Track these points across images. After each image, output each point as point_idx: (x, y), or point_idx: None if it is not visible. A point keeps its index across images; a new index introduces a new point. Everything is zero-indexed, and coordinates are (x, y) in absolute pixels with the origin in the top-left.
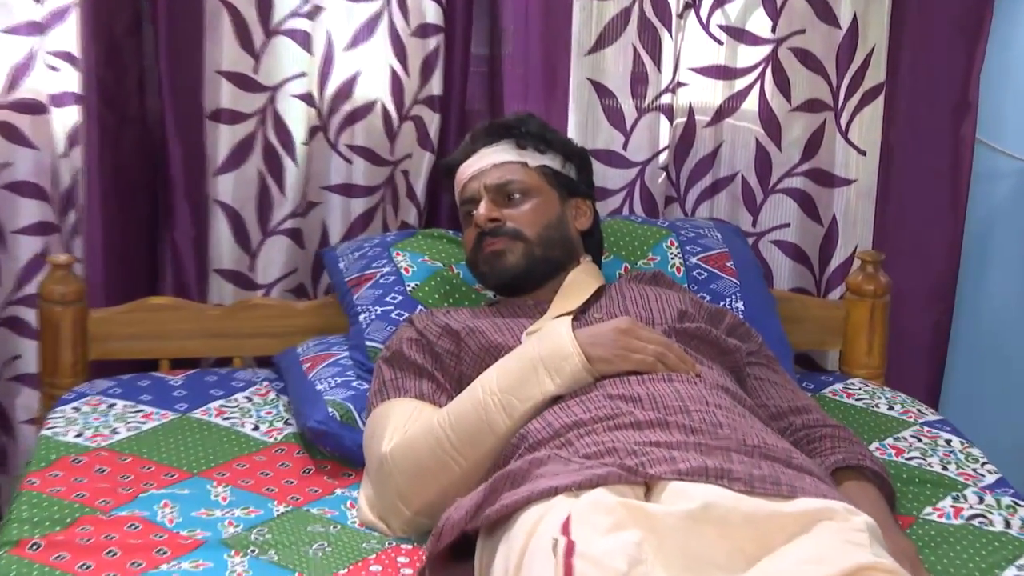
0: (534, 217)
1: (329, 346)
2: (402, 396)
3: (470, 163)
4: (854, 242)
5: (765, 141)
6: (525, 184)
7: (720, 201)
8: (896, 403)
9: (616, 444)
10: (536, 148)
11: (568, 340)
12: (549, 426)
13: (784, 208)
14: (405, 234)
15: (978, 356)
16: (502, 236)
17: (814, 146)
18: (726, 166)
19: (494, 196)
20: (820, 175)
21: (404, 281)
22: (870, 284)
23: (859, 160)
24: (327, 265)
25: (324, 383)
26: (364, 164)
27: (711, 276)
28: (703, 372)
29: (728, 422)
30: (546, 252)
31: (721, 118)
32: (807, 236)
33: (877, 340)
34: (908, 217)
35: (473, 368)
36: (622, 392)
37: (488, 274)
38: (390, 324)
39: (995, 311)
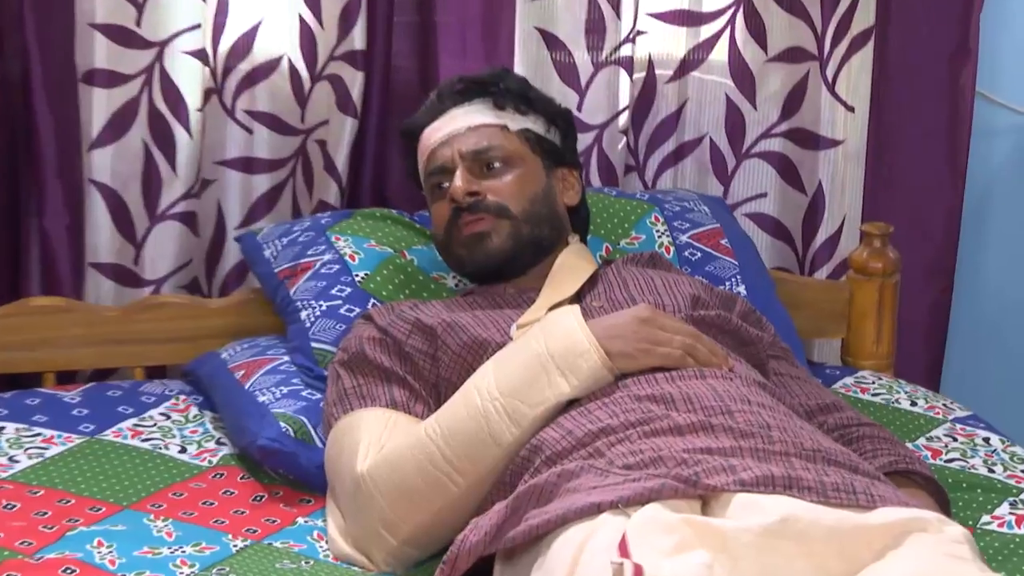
0: (519, 190)
1: (263, 350)
2: (370, 406)
3: (438, 126)
4: (842, 213)
5: (737, 98)
6: (507, 151)
7: (685, 169)
8: (918, 398)
9: (661, 452)
10: (516, 109)
11: (583, 333)
12: (570, 434)
13: (760, 175)
14: (340, 215)
15: (976, 340)
16: (484, 213)
17: (795, 102)
18: (692, 128)
19: (470, 165)
20: (802, 136)
21: (351, 271)
22: (877, 261)
23: (847, 118)
24: (248, 254)
25: (267, 394)
26: (267, 133)
27: (706, 256)
28: (735, 367)
29: (777, 423)
30: (534, 231)
31: (685, 72)
32: (788, 207)
33: (886, 326)
34: (902, 182)
35: (453, 371)
36: (651, 392)
37: (467, 258)
38: (340, 322)
39: (994, 289)
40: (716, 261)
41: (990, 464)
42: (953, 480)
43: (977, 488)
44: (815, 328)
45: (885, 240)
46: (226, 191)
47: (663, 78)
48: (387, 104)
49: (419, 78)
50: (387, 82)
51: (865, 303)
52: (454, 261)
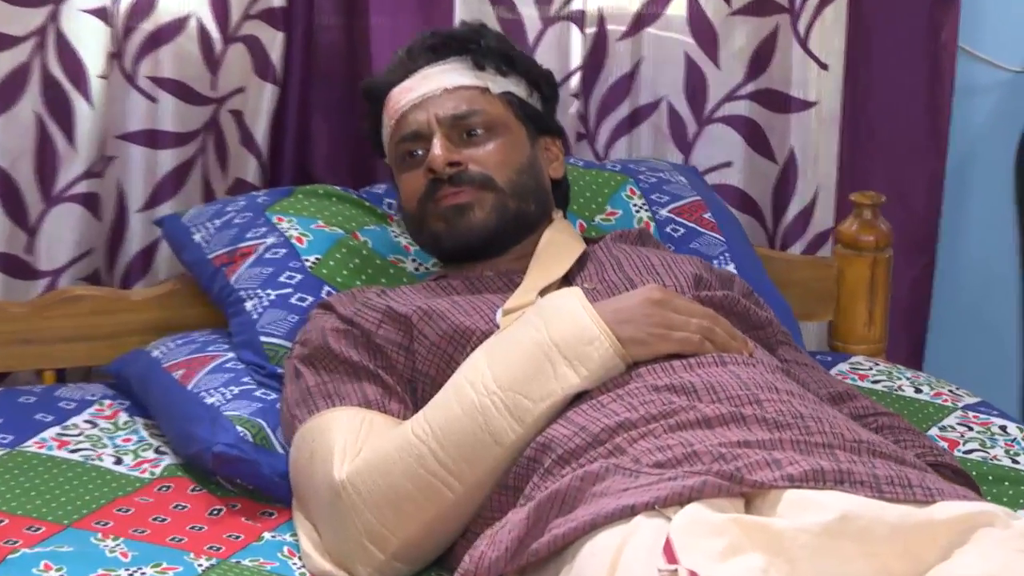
0: (504, 159)
1: (202, 346)
2: (339, 405)
3: (409, 86)
4: (816, 182)
5: (698, 56)
6: (490, 116)
7: (641, 136)
8: (922, 384)
9: (694, 447)
10: (497, 70)
11: (591, 318)
12: (583, 431)
13: (725, 142)
14: (279, 193)
15: (957, 319)
16: (467, 185)
17: (763, 60)
18: (647, 90)
19: (448, 131)
20: (772, 97)
21: (299, 255)
22: (869, 233)
23: (820, 76)
24: (173, 239)
25: (215, 395)
26: (174, 103)
27: (690, 232)
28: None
29: (810, 413)
30: (520, 206)
31: (639, 27)
32: (756, 177)
33: (879, 306)
34: (879, 147)
35: (431, 364)
36: (670, 382)
37: (444, 233)
38: (292, 312)
39: (975, 263)
40: (701, 237)
41: (1013, 455)
42: (978, 473)
43: (1004, 481)
44: (800, 310)
45: (876, 210)
46: (128, 169)
47: (615, 35)
48: (310, 68)
49: (346, 38)
50: (310, 43)
51: (855, 281)
52: (428, 237)
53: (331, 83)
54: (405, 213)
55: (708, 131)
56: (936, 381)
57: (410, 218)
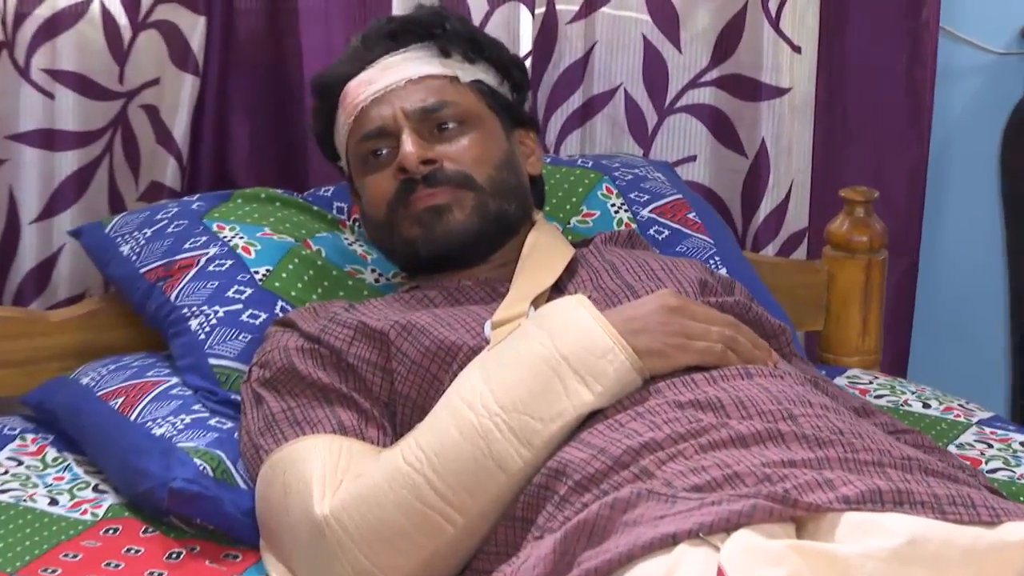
0: (481, 154)
1: (139, 371)
2: (311, 432)
3: (368, 78)
4: (789, 177)
5: (657, 38)
6: (462, 108)
7: (595, 129)
8: (929, 398)
9: (735, 468)
10: (465, 56)
11: (602, 328)
12: (602, 453)
13: (688, 134)
14: (215, 198)
15: (935, 325)
16: (443, 184)
17: (730, 42)
18: (602, 77)
19: (417, 126)
20: (739, 84)
21: (248, 266)
22: (862, 233)
23: (793, 60)
24: (96, 252)
25: (163, 425)
26: (74, 99)
27: (675, 234)
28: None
29: (849, 428)
30: (501, 206)
31: (593, 8)
32: (723, 173)
33: (873, 314)
34: (857, 138)
35: (412, 384)
36: (693, 397)
37: (421, 239)
38: (244, 331)
39: (955, 263)
40: (688, 240)
41: None
42: (1008, 494)
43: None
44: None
45: (869, 207)
46: (20, 174)
47: (565, 16)
48: (228, 57)
49: (269, 23)
50: (229, 29)
51: (848, 286)
52: (401, 245)
53: (253, 74)
54: (369, 220)
55: (669, 122)
56: (943, 395)
57: (377, 224)
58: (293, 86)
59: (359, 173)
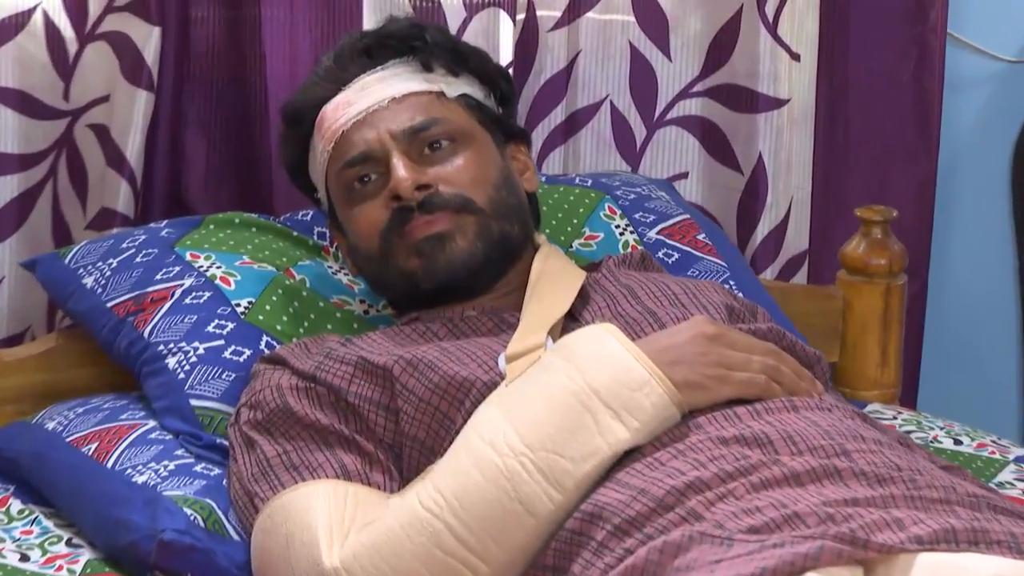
0: (477, 174)
1: (111, 413)
2: (312, 477)
3: (346, 100)
4: (788, 195)
5: (645, 46)
6: (453, 125)
7: (580, 145)
8: (959, 435)
9: (794, 507)
10: (448, 69)
11: (637, 359)
12: (643, 494)
13: (680, 149)
14: (185, 224)
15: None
16: (441, 210)
17: (724, 49)
18: (587, 89)
19: (406, 148)
20: (735, 94)
21: (228, 298)
22: (880, 255)
23: (792, 68)
24: (54, 285)
25: (145, 472)
26: (14, 118)
27: (686, 257)
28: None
29: (907, 464)
30: (504, 228)
31: (576, 13)
32: (717, 190)
33: (893, 343)
34: (861, 152)
35: (420, 424)
36: (738, 432)
37: (422, 271)
38: (227, 369)
39: (963, 285)
40: (699, 263)
41: None
42: None
43: None
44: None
45: (887, 228)
46: None
47: (547, 23)
48: (183, 70)
49: (226, 34)
50: (183, 39)
51: (866, 314)
52: (398, 279)
53: (210, 88)
54: (360, 254)
55: (659, 136)
56: (974, 431)
57: (369, 258)
58: (255, 101)
59: (344, 204)
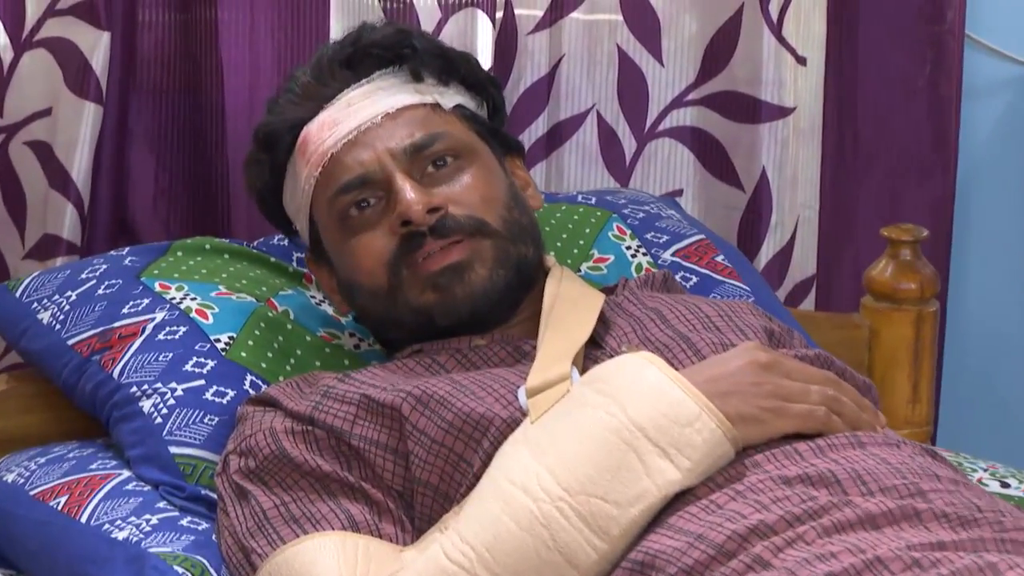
0: (487, 193)
1: (78, 463)
2: (313, 530)
3: (331, 119)
4: (795, 214)
5: (635, 50)
6: (455, 139)
7: (564, 160)
8: (1005, 476)
9: (875, 552)
10: (438, 78)
11: (685, 391)
12: (701, 540)
13: (673, 163)
14: (150, 251)
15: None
16: (454, 234)
17: (722, 52)
18: (571, 98)
19: (408, 168)
20: (734, 102)
21: (206, 333)
22: (911, 280)
23: (797, 73)
24: (5, 321)
25: (125, 528)
26: None
27: (705, 280)
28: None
29: (987, 505)
30: (520, 250)
31: (559, 14)
32: (715, 209)
33: (925, 376)
34: (872, 165)
35: (434, 469)
36: (802, 472)
37: (438, 308)
38: (210, 412)
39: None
40: (720, 287)
41: None
42: None
43: None
44: None
45: (917, 249)
46: None
47: (527, 25)
48: (129, 80)
49: (178, 39)
50: (130, 46)
51: (895, 344)
52: (409, 315)
53: (159, 101)
54: (359, 290)
55: (650, 150)
56: (1019, 471)
57: (374, 294)
58: (210, 114)
59: (337, 236)
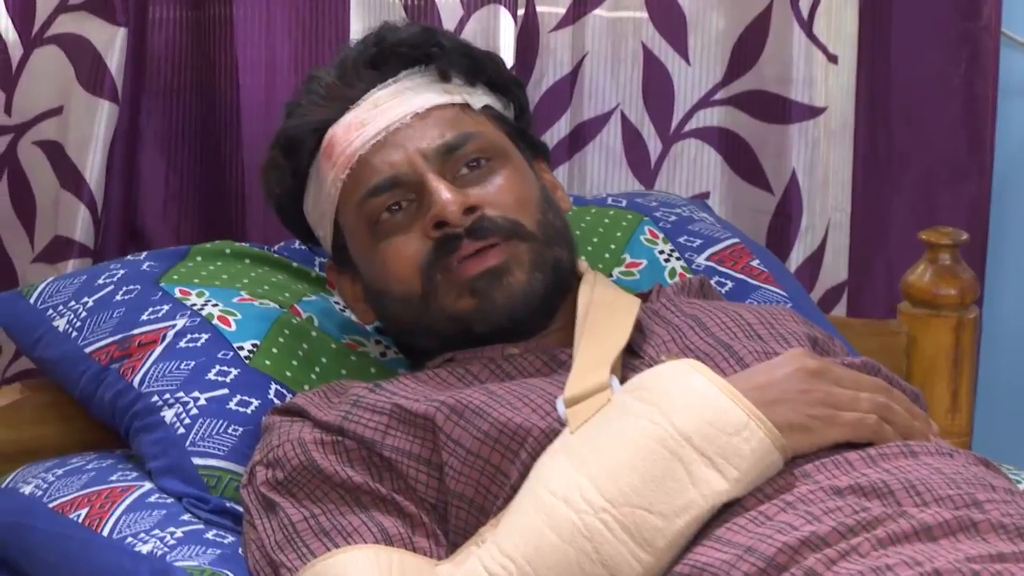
0: (521, 194)
1: (98, 475)
2: (346, 544)
3: (358, 119)
4: (825, 218)
5: (660, 47)
6: (487, 140)
7: (587, 161)
8: None
9: (933, 564)
10: (466, 78)
11: (732, 399)
12: (750, 553)
13: (700, 165)
14: (169, 256)
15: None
16: (491, 236)
17: (751, 51)
18: (595, 98)
19: (441, 169)
20: (764, 102)
21: (229, 341)
22: (951, 285)
23: (828, 72)
24: (20, 329)
25: (150, 541)
26: None
27: (741, 286)
28: None
29: None
30: (557, 254)
31: (582, 11)
32: (743, 213)
33: (965, 385)
34: (906, 168)
35: (469, 481)
36: (853, 482)
37: (475, 314)
38: (234, 422)
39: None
40: (757, 292)
41: None
42: None
43: None
44: None
45: (956, 254)
46: None
47: (549, 22)
48: (140, 79)
49: (191, 37)
50: (141, 44)
51: (934, 352)
52: (445, 322)
53: (171, 101)
54: (389, 297)
55: (676, 151)
56: None
57: (406, 301)
58: (225, 115)
59: (366, 240)
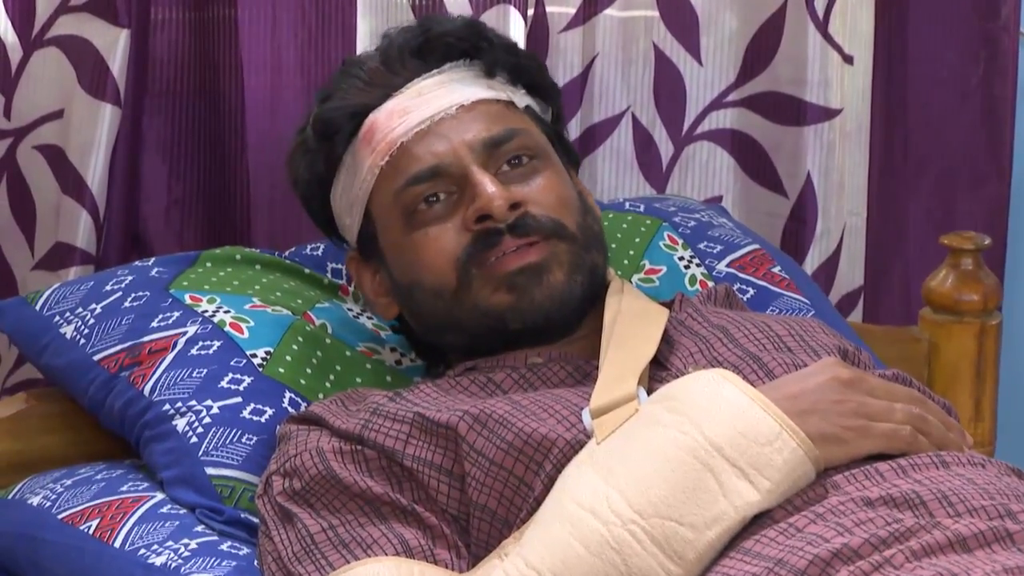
0: (562, 196)
1: (108, 485)
2: (365, 555)
3: (401, 106)
4: (841, 222)
5: (672, 49)
6: (531, 139)
7: (597, 165)
8: None
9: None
10: (509, 78)
11: (764, 409)
12: (781, 565)
13: (712, 168)
14: (177, 262)
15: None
16: (534, 234)
17: (765, 51)
18: (605, 99)
19: (485, 162)
20: (778, 104)
21: (242, 348)
22: (973, 291)
23: (844, 73)
24: (26, 336)
25: (163, 553)
26: None
27: (763, 293)
28: None
29: None
30: (594, 258)
31: (592, 11)
32: (756, 216)
33: (988, 393)
34: (923, 171)
35: (492, 492)
36: (884, 493)
37: (512, 310)
38: (248, 431)
39: None
40: (779, 300)
41: None
42: None
43: None
44: None
45: (979, 259)
46: None
47: (559, 22)
48: (143, 81)
49: (194, 38)
50: (142, 46)
51: (957, 359)
52: (478, 318)
53: (173, 104)
54: (420, 289)
55: (688, 154)
56: None
57: (438, 294)
58: (229, 118)
59: (400, 229)
